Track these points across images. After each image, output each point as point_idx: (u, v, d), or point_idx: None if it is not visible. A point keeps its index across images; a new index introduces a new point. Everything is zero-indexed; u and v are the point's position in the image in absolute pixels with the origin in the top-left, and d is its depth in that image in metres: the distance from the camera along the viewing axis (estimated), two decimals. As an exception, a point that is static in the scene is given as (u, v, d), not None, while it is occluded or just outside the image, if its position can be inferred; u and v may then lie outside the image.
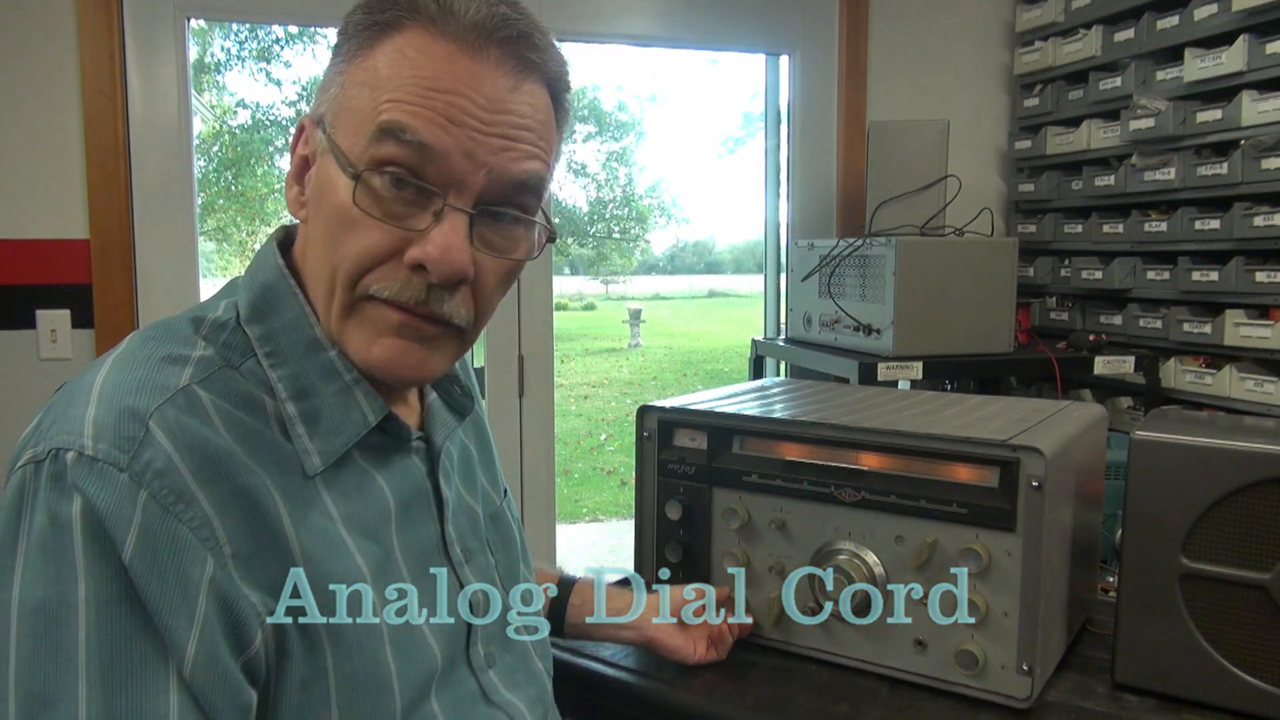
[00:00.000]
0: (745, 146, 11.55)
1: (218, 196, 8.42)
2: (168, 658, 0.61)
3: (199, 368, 0.70)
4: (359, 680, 0.70)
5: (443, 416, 0.85)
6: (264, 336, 0.73)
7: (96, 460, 0.62)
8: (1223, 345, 2.15)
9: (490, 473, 0.95)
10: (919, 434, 1.05)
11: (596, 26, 2.59)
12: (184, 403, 0.66)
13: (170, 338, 0.72)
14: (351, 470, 0.75)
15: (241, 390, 0.70)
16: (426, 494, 0.81)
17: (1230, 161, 2.10)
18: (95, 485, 0.61)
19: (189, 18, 2.30)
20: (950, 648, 1.03)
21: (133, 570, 0.61)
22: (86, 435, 0.63)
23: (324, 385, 0.73)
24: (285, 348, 0.73)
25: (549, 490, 2.67)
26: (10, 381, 2.20)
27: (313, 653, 0.68)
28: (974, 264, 2.18)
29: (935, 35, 2.80)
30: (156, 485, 0.62)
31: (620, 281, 15.44)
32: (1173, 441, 1.02)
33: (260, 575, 0.66)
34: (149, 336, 0.73)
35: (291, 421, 0.71)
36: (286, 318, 0.74)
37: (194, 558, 0.63)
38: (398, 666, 0.72)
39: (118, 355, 0.71)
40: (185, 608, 0.62)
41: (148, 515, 0.62)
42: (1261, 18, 2.04)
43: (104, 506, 0.61)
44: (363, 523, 0.74)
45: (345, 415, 0.74)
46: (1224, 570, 1.00)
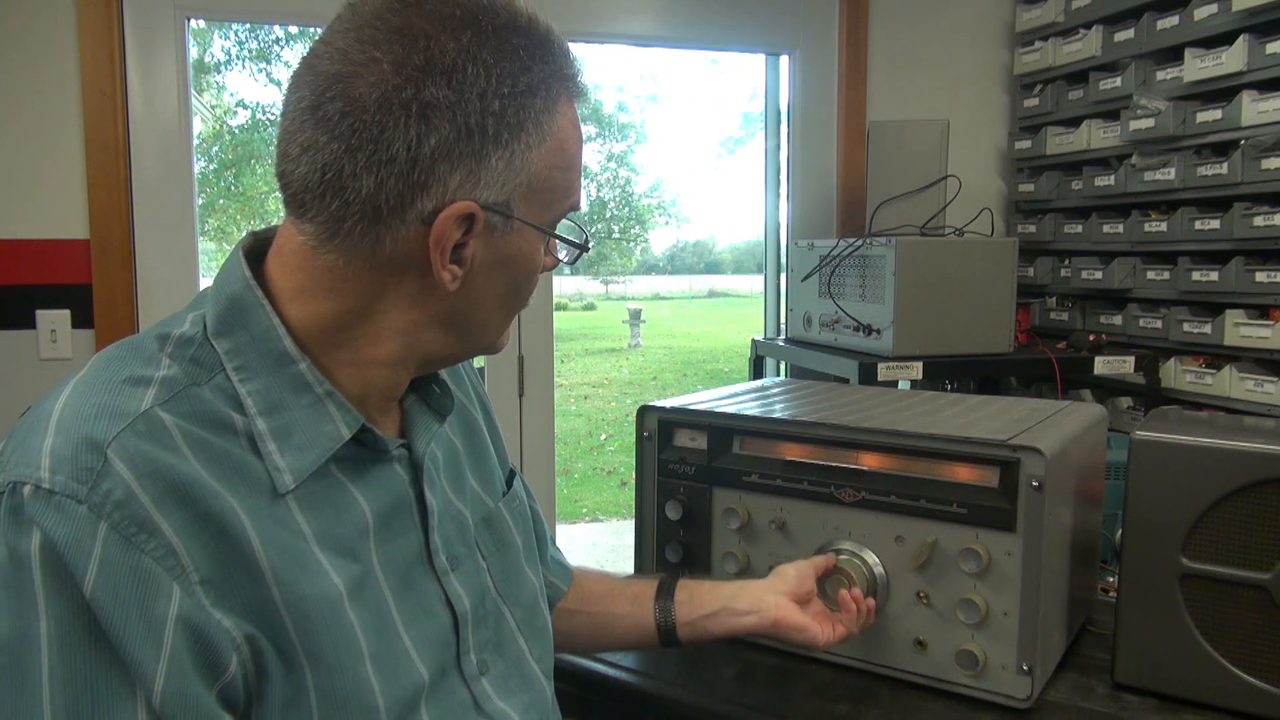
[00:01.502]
0: (745, 147, 11.56)
1: (218, 196, 8.42)
2: (135, 691, 0.60)
3: (162, 388, 0.68)
4: (340, 700, 0.69)
5: (423, 420, 0.84)
6: (232, 350, 0.72)
7: (54, 493, 0.61)
8: (1223, 345, 2.15)
9: (483, 470, 0.93)
10: (919, 434, 1.05)
11: (596, 26, 2.60)
12: (144, 428, 0.65)
13: (134, 357, 0.71)
14: (326, 485, 0.73)
15: (208, 410, 0.69)
16: (409, 503, 0.80)
17: (1230, 161, 2.10)
18: (53, 519, 0.60)
19: (189, 18, 2.30)
20: (950, 648, 1.03)
21: (94, 604, 0.60)
22: (44, 468, 0.62)
23: (295, 399, 0.72)
24: (254, 361, 0.72)
25: (549, 490, 2.67)
26: (10, 381, 2.20)
27: (292, 673, 0.67)
28: (974, 264, 2.18)
29: (935, 35, 2.80)
30: (117, 516, 0.61)
31: (620, 281, 15.46)
32: (1173, 441, 1.02)
33: (231, 600, 0.65)
34: (112, 357, 0.71)
35: (262, 438, 0.70)
36: (255, 330, 0.72)
37: (158, 588, 0.62)
38: (380, 684, 0.71)
39: (79, 379, 0.69)
40: (151, 639, 0.61)
41: (108, 547, 0.61)
42: (1261, 18, 2.03)
43: (62, 540, 0.60)
44: (337, 540, 0.72)
45: (318, 429, 0.72)
46: (1224, 570, 1.00)
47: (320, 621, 0.69)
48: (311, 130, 0.69)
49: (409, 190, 0.69)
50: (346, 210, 0.70)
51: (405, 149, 0.68)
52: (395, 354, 0.76)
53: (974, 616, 1.01)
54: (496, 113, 0.70)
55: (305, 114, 0.70)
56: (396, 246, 0.71)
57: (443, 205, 0.70)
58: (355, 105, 0.68)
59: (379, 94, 0.68)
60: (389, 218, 0.70)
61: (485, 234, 0.73)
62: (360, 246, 0.72)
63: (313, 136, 0.69)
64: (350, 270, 0.73)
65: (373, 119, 0.68)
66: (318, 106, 0.69)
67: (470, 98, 0.69)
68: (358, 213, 0.70)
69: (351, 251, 0.72)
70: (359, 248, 0.72)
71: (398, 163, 0.68)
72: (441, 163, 0.69)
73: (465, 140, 0.69)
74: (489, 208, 0.72)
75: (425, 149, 0.69)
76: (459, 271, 0.73)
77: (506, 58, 0.70)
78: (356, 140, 0.68)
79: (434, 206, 0.70)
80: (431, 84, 0.68)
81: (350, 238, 0.71)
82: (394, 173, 0.69)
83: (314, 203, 0.71)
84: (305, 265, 0.74)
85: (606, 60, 18.63)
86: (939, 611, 1.04)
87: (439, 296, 0.74)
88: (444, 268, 0.72)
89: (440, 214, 0.70)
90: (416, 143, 0.68)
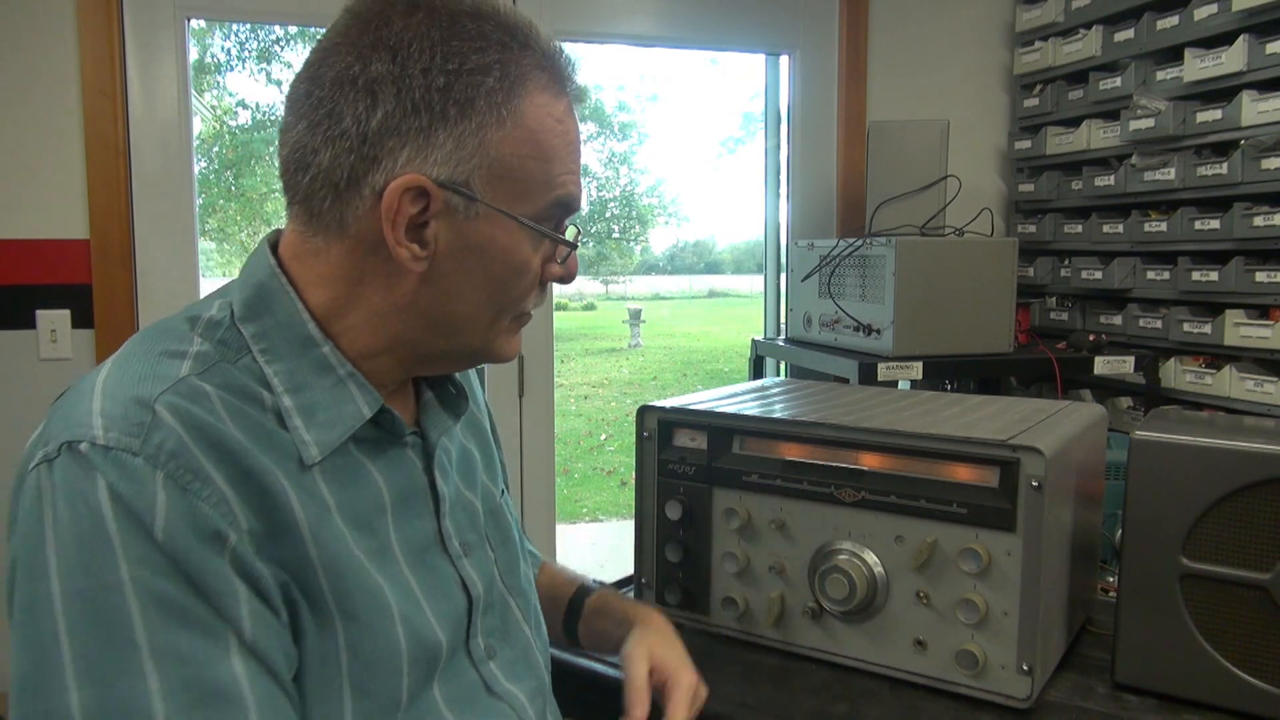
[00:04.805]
0: (745, 147, 11.53)
1: (218, 197, 8.41)
2: (226, 627, 0.64)
3: (197, 361, 0.71)
4: (373, 661, 0.71)
5: (438, 415, 0.87)
6: (258, 334, 0.75)
7: (110, 448, 0.64)
8: (1223, 345, 2.15)
9: (490, 472, 0.97)
10: (919, 434, 1.05)
11: (596, 26, 2.60)
12: (186, 391, 0.68)
13: (167, 336, 0.74)
14: (347, 461, 0.76)
15: (239, 383, 0.72)
16: (423, 489, 0.82)
17: (1230, 161, 2.10)
18: (114, 471, 0.63)
19: (189, 18, 2.31)
20: (950, 648, 1.03)
21: (167, 548, 0.62)
22: (96, 427, 0.65)
23: (318, 380, 0.75)
24: (279, 344, 0.75)
25: (549, 490, 2.67)
26: (10, 381, 2.20)
27: (326, 631, 0.70)
28: (974, 264, 2.18)
29: (935, 35, 2.80)
30: (171, 466, 0.64)
31: (620, 281, 15.44)
32: (1173, 441, 1.02)
33: (273, 553, 0.68)
34: (146, 336, 0.75)
35: (288, 413, 0.73)
36: (280, 315, 0.76)
37: (216, 533, 0.64)
38: (408, 647, 0.74)
39: (116, 356, 0.73)
40: (225, 579, 0.64)
41: (168, 494, 0.63)
42: (1261, 18, 2.04)
43: (126, 490, 0.63)
44: (357, 514, 0.75)
45: (340, 408, 0.75)
46: (1224, 570, 1.00)
47: (353, 581, 0.71)
48: (290, 115, 0.75)
49: (361, 164, 0.73)
50: (314, 186, 0.74)
51: (354, 123, 0.72)
52: (383, 343, 0.78)
53: (974, 616, 1.01)
54: (442, 88, 0.72)
55: (287, 103, 0.76)
56: (360, 224, 0.74)
57: (392, 179, 0.73)
58: (316, 85, 0.73)
59: (334, 73, 0.73)
60: (346, 191, 0.73)
61: (448, 215, 0.74)
62: (331, 226, 0.75)
63: (289, 120, 0.75)
64: (331, 254, 0.76)
65: (327, 95, 0.73)
66: (294, 94, 0.75)
67: (414, 73, 0.72)
68: (322, 188, 0.74)
69: (327, 232, 0.75)
70: (331, 228, 0.75)
71: (349, 137, 0.72)
72: (390, 137, 0.72)
73: (412, 116, 0.72)
74: (444, 185, 0.73)
75: (373, 123, 0.72)
76: (419, 251, 0.75)
77: (457, 37, 0.73)
78: (315, 116, 0.73)
79: (384, 180, 0.73)
80: (377, 60, 0.72)
81: (323, 218, 0.75)
82: (346, 147, 0.72)
83: (292, 183, 0.76)
84: (301, 253, 0.77)
85: (606, 60, 18.58)
86: (939, 611, 1.04)
87: (411, 282, 0.76)
88: (399, 243, 0.74)
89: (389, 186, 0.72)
90: (365, 117, 0.72)
